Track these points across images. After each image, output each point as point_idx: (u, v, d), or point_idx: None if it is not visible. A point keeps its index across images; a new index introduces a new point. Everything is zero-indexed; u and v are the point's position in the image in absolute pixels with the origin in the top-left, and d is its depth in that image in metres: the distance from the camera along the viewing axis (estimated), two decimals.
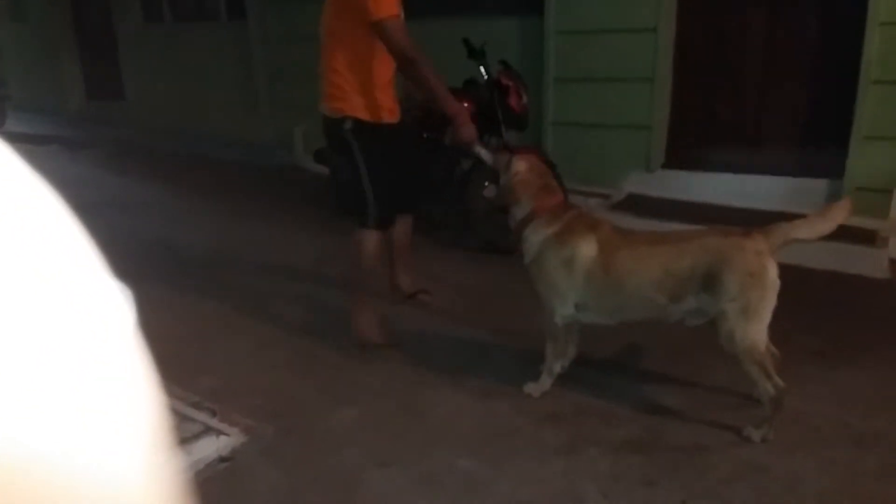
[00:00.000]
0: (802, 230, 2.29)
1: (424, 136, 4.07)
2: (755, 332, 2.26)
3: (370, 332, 3.02)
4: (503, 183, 2.65)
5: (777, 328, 2.35)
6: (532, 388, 2.67)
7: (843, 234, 3.74)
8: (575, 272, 2.46)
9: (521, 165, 2.63)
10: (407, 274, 3.45)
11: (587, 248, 2.43)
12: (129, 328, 0.31)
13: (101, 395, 0.28)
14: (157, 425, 0.31)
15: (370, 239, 2.96)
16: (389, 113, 2.91)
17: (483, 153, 2.79)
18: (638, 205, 4.48)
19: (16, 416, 0.25)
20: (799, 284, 3.39)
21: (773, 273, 2.24)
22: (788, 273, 2.30)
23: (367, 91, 2.81)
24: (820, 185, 4.26)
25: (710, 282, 2.27)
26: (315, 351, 3.06)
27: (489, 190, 2.81)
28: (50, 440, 0.26)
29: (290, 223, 4.84)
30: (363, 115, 2.83)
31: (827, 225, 2.29)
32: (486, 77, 4.01)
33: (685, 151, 4.77)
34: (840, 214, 2.31)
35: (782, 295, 2.28)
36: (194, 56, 7.45)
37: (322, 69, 2.90)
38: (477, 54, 3.98)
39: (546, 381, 2.66)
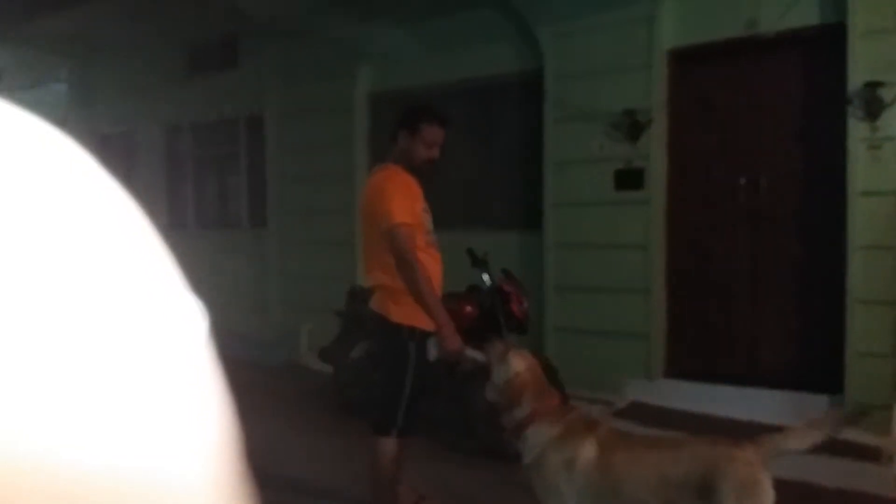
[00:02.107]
0: (792, 441, 2.30)
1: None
2: None
3: None
4: (499, 379, 2.62)
5: None
6: None
7: (848, 450, 3.74)
8: (575, 474, 2.41)
9: (519, 365, 2.63)
10: (402, 482, 3.33)
11: (587, 450, 2.41)
12: (201, 340, 0.31)
13: (172, 406, 0.28)
14: (227, 437, 0.32)
15: (391, 447, 2.94)
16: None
17: (475, 355, 2.79)
18: (641, 413, 4.47)
19: (85, 426, 0.25)
20: (807, 502, 3.30)
21: (766, 484, 2.20)
22: (796, 490, 2.26)
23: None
24: (821, 400, 4.28)
25: (704, 492, 2.23)
26: None
27: (490, 392, 2.77)
28: (120, 449, 0.26)
29: (293, 423, 4.78)
30: (424, 324, 2.91)
31: (816, 436, 2.30)
32: (488, 284, 4.23)
33: (684, 362, 4.86)
34: (828, 426, 2.33)
35: None
36: (211, 257, 7.86)
37: (373, 275, 3.02)
38: (480, 263, 4.23)
39: None
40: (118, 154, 9.38)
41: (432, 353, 3.02)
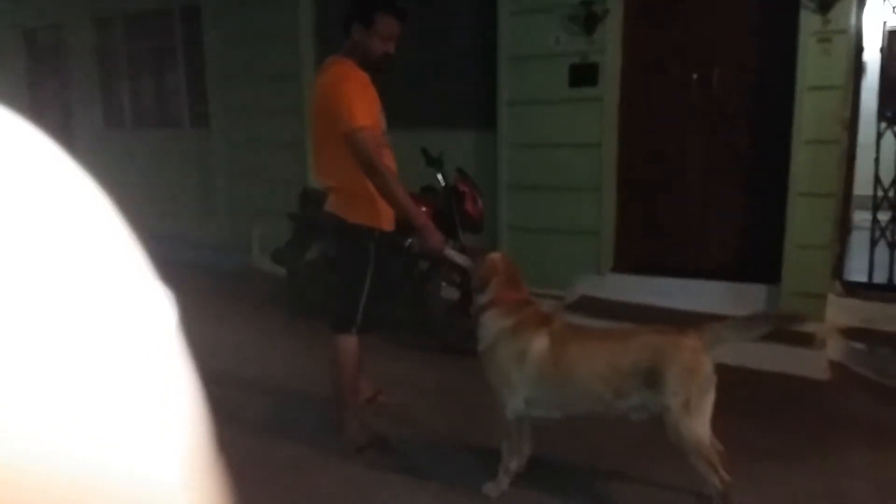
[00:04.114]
0: (732, 332, 2.44)
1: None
2: (698, 425, 2.34)
3: (360, 434, 3.02)
4: (476, 270, 2.72)
5: (728, 427, 2.43)
6: (490, 489, 2.65)
7: (784, 337, 3.96)
8: (526, 365, 2.52)
9: (496, 255, 2.77)
10: (362, 377, 3.42)
11: (539, 342, 2.51)
12: (171, 329, 0.31)
13: (143, 396, 0.28)
14: (199, 426, 0.31)
15: (351, 343, 2.99)
16: (392, 221, 2.98)
17: (457, 257, 2.84)
18: (590, 306, 4.63)
19: (56, 420, 0.24)
20: (746, 385, 3.53)
21: (708, 368, 2.35)
22: (735, 374, 2.42)
23: (379, 200, 2.84)
24: (759, 289, 4.49)
25: (651, 378, 2.37)
26: (268, 454, 2.99)
27: (447, 290, 2.86)
28: (91, 443, 0.25)
29: (250, 324, 4.79)
30: (383, 224, 2.92)
31: (753, 332, 2.43)
32: (443, 184, 4.19)
33: (632, 256, 4.99)
34: (767, 325, 2.46)
35: (732, 395, 2.37)
36: (152, 159, 7.56)
37: (328, 176, 2.97)
38: (435, 163, 4.17)
39: (503, 481, 2.65)
40: (45, 50, 8.76)
41: (415, 248, 3.04)
